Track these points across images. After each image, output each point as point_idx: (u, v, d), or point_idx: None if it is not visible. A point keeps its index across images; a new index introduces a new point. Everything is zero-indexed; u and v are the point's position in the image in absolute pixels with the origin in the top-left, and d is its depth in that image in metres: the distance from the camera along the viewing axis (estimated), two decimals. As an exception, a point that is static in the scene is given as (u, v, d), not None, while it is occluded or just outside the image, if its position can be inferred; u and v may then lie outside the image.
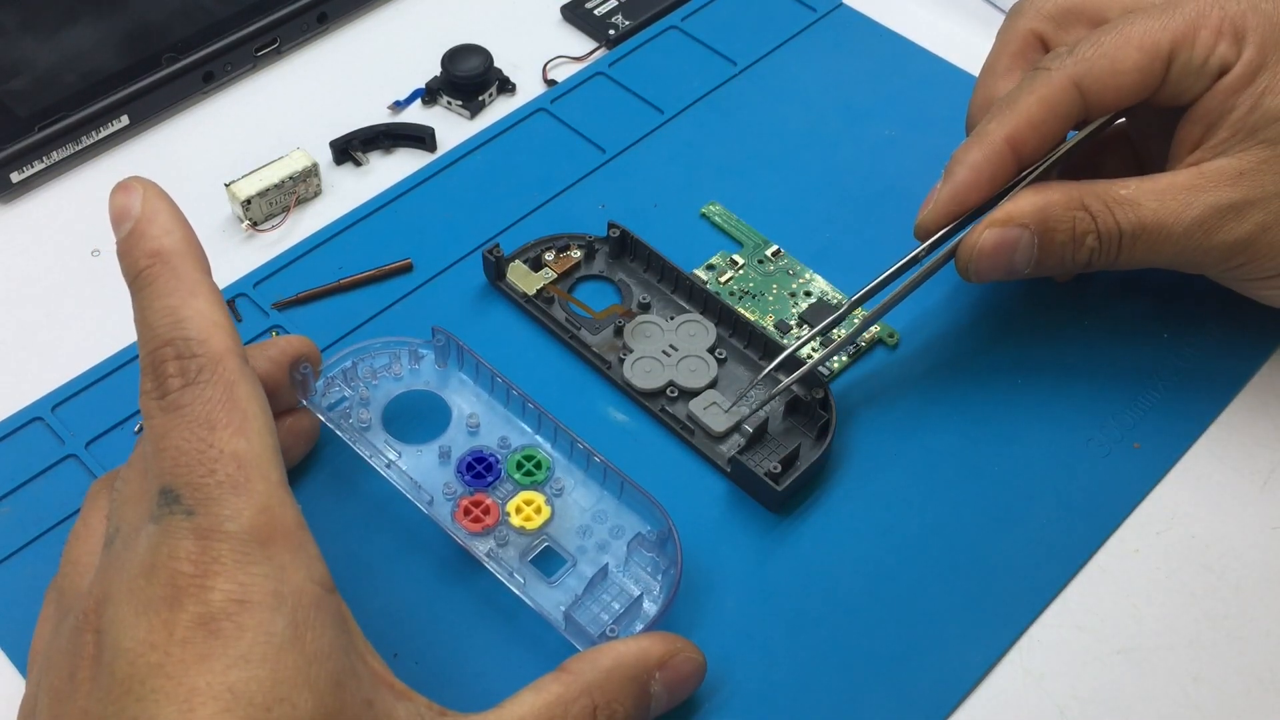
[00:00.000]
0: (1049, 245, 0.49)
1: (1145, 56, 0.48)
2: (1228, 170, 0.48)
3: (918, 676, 0.45)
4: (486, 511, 0.46)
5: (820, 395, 0.50)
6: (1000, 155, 0.49)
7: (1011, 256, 0.49)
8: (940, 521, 0.49)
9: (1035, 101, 0.49)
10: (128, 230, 0.38)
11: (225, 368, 0.36)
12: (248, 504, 0.35)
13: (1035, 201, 0.49)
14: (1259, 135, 0.47)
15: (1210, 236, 0.48)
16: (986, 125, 0.50)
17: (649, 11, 0.68)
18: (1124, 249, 0.49)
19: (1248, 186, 0.47)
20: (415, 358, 0.50)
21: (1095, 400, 0.52)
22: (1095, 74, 0.48)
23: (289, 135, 0.62)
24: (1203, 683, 0.46)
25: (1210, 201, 0.48)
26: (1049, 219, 0.49)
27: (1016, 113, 0.49)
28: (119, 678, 0.34)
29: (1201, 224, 0.48)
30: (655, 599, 0.45)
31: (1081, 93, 0.49)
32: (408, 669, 0.45)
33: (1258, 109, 0.47)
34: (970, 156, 0.49)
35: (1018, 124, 0.49)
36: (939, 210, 0.50)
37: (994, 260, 0.49)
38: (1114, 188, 0.49)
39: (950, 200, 0.50)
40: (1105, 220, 0.48)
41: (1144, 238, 0.48)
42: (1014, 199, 0.49)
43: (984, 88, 0.53)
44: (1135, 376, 0.53)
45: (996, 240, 0.49)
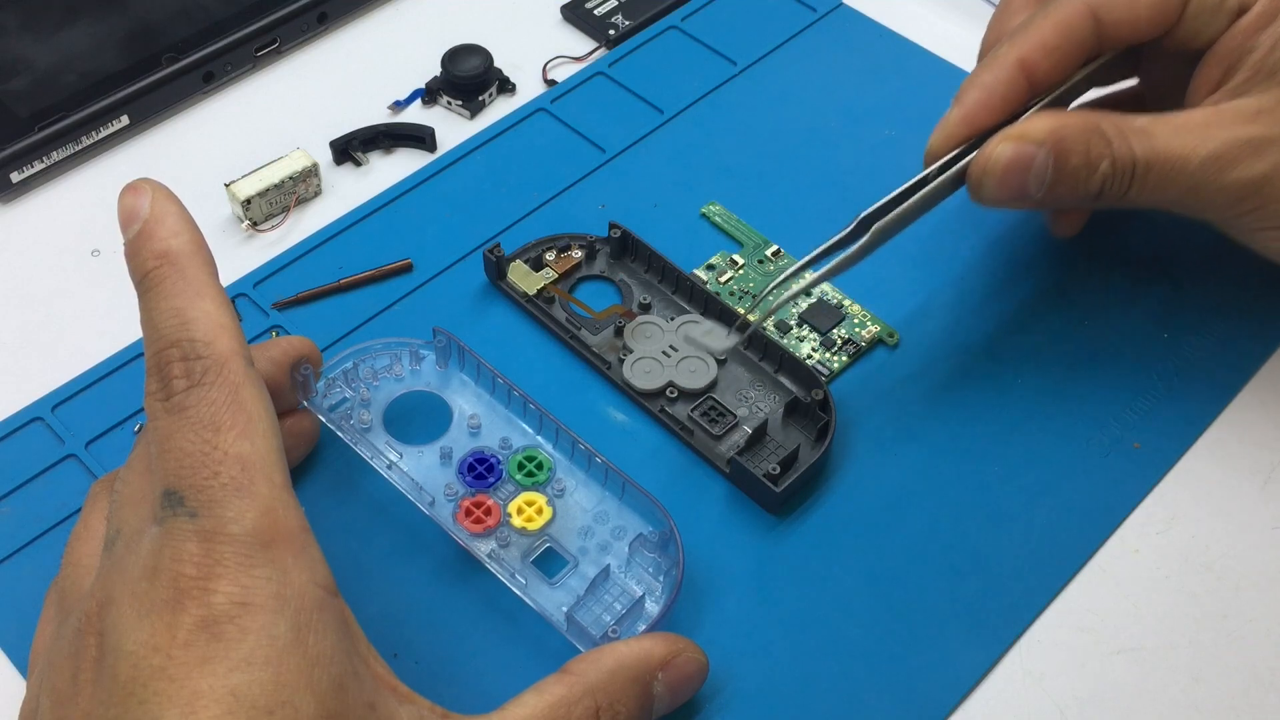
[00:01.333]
0: (1063, 167, 0.48)
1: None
2: (1246, 109, 0.47)
3: (918, 676, 0.45)
4: (488, 512, 0.46)
5: (820, 396, 0.50)
6: (1012, 76, 0.49)
7: (1025, 176, 0.48)
8: (940, 522, 0.49)
9: (1050, 25, 0.48)
10: (136, 231, 0.38)
11: (230, 370, 0.36)
12: (251, 506, 0.35)
13: (1051, 122, 0.48)
14: (1279, 75, 0.47)
15: (1224, 173, 0.47)
16: (1000, 49, 0.49)
17: (649, 11, 0.68)
18: (1136, 179, 0.48)
19: (1266, 124, 0.47)
20: (416, 358, 0.50)
21: (1095, 400, 0.52)
22: (1112, 2, 0.48)
23: (289, 135, 0.62)
24: (1203, 683, 0.46)
25: (1226, 137, 0.47)
26: (1065, 139, 0.47)
27: (1030, 36, 0.49)
28: (121, 680, 0.34)
29: (1217, 159, 0.47)
30: (657, 600, 0.45)
31: (1097, 20, 0.48)
32: (409, 670, 0.45)
33: (1277, 48, 0.47)
34: (982, 78, 0.49)
35: (1031, 46, 0.48)
36: (949, 131, 0.49)
37: (1007, 178, 0.48)
38: (1131, 119, 0.48)
39: (961, 121, 0.49)
40: (1120, 146, 0.47)
41: (1158, 168, 0.47)
42: (1029, 118, 0.48)
43: (999, 20, 0.53)
44: (1135, 376, 0.53)
45: (1012, 155, 0.47)
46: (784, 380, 0.52)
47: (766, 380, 0.52)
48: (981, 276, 0.57)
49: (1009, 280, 0.56)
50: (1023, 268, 0.57)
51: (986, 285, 0.56)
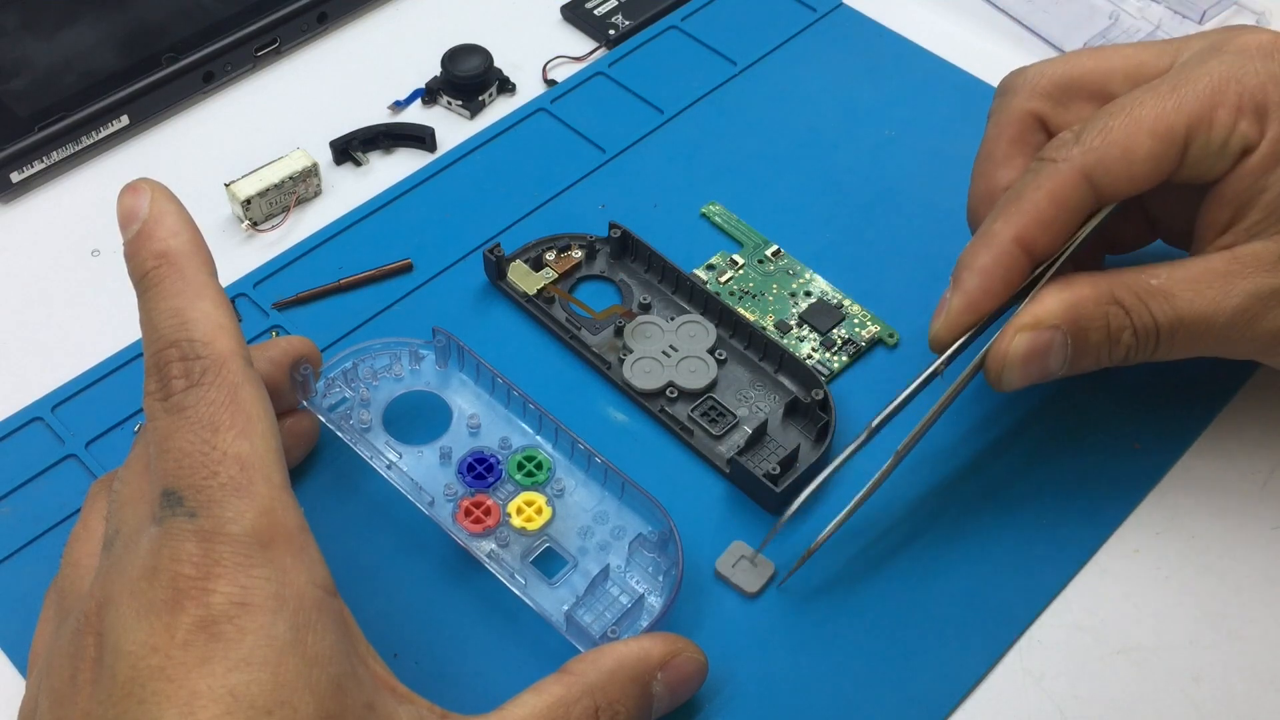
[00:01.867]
0: (1083, 345, 0.46)
1: (1160, 143, 0.45)
2: (1265, 255, 0.45)
3: (918, 676, 0.45)
4: (487, 512, 0.46)
5: (820, 396, 0.50)
6: (1011, 257, 0.46)
7: (1046, 361, 0.46)
8: (940, 522, 0.49)
9: (1044, 197, 0.45)
10: (135, 231, 0.38)
11: (229, 370, 0.36)
12: (250, 506, 0.35)
13: (1064, 300, 0.45)
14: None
15: (1254, 325, 0.45)
16: (992, 225, 0.46)
17: (649, 11, 0.68)
18: (1163, 343, 0.46)
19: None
20: (416, 358, 0.50)
21: (1095, 401, 0.52)
22: (1106, 164, 0.45)
23: (289, 135, 0.62)
24: (1203, 683, 0.46)
25: (1250, 290, 0.45)
26: (1081, 318, 0.45)
27: (1024, 211, 0.46)
28: (120, 680, 0.34)
29: (1244, 313, 0.45)
30: (657, 600, 0.45)
31: (1092, 185, 0.45)
32: (408, 670, 0.45)
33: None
34: (979, 261, 0.46)
35: (1026, 223, 0.46)
36: (953, 321, 0.47)
37: (1027, 367, 0.46)
38: (1144, 278, 0.46)
39: (964, 310, 0.46)
40: (1140, 315, 0.45)
41: (1183, 331, 0.45)
42: (1039, 299, 0.46)
43: (983, 177, 0.50)
44: (1135, 376, 0.53)
45: (1029, 347, 0.45)
46: (784, 380, 0.52)
47: (766, 380, 0.52)
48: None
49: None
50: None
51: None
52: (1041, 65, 0.50)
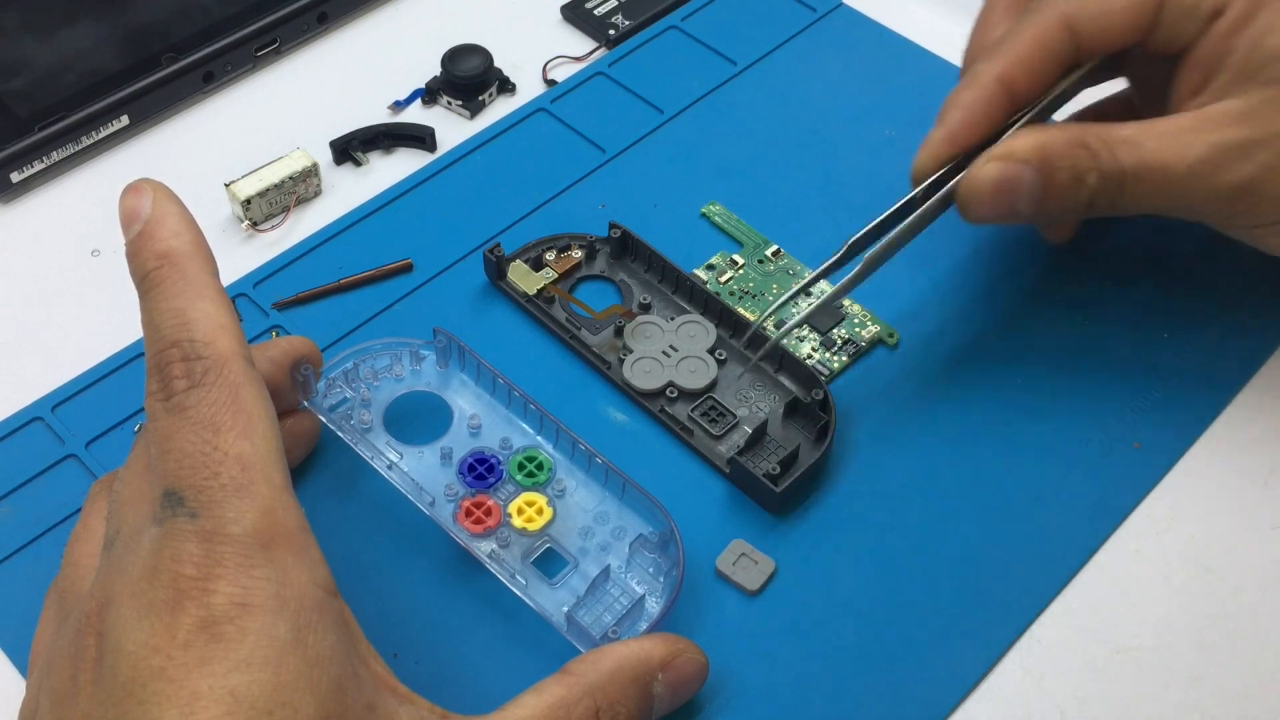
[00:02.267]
0: (1051, 183, 0.47)
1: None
2: (1230, 111, 0.47)
3: (918, 676, 0.45)
4: (488, 513, 0.46)
5: (820, 396, 0.50)
6: (993, 94, 0.48)
7: (1014, 194, 0.48)
8: (940, 521, 0.49)
9: (1027, 40, 0.48)
10: (137, 232, 0.38)
11: (231, 370, 0.36)
12: (251, 507, 0.35)
13: (1036, 138, 0.47)
14: (1260, 76, 0.46)
15: (1214, 176, 0.47)
16: (978, 66, 0.49)
17: (649, 11, 0.68)
18: (1127, 189, 0.47)
19: (1252, 125, 0.46)
20: (416, 359, 0.50)
21: (1095, 400, 0.52)
22: (1087, 13, 0.48)
23: (289, 135, 0.62)
24: (1203, 683, 0.46)
25: (1213, 140, 0.46)
26: (1051, 155, 0.47)
27: (1007, 52, 0.48)
28: (121, 681, 0.34)
29: (1205, 163, 0.46)
30: (657, 600, 0.45)
31: (1073, 32, 0.48)
32: (408, 670, 0.45)
33: (1258, 49, 0.46)
34: (963, 97, 0.49)
35: (1009, 62, 0.48)
36: (933, 151, 0.49)
37: (996, 197, 0.48)
38: (1115, 129, 0.48)
39: (944, 141, 0.49)
40: (1106, 158, 0.47)
41: (1147, 177, 0.47)
42: (1014, 136, 0.48)
43: (978, 34, 0.53)
44: (1135, 376, 0.53)
45: (999, 175, 0.47)
46: (784, 380, 0.52)
47: (766, 380, 0.52)
48: (981, 276, 0.57)
49: (1009, 280, 0.56)
50: (1022, 268, 0.57)
51: (986, 285, 0.56)
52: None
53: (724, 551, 0.48)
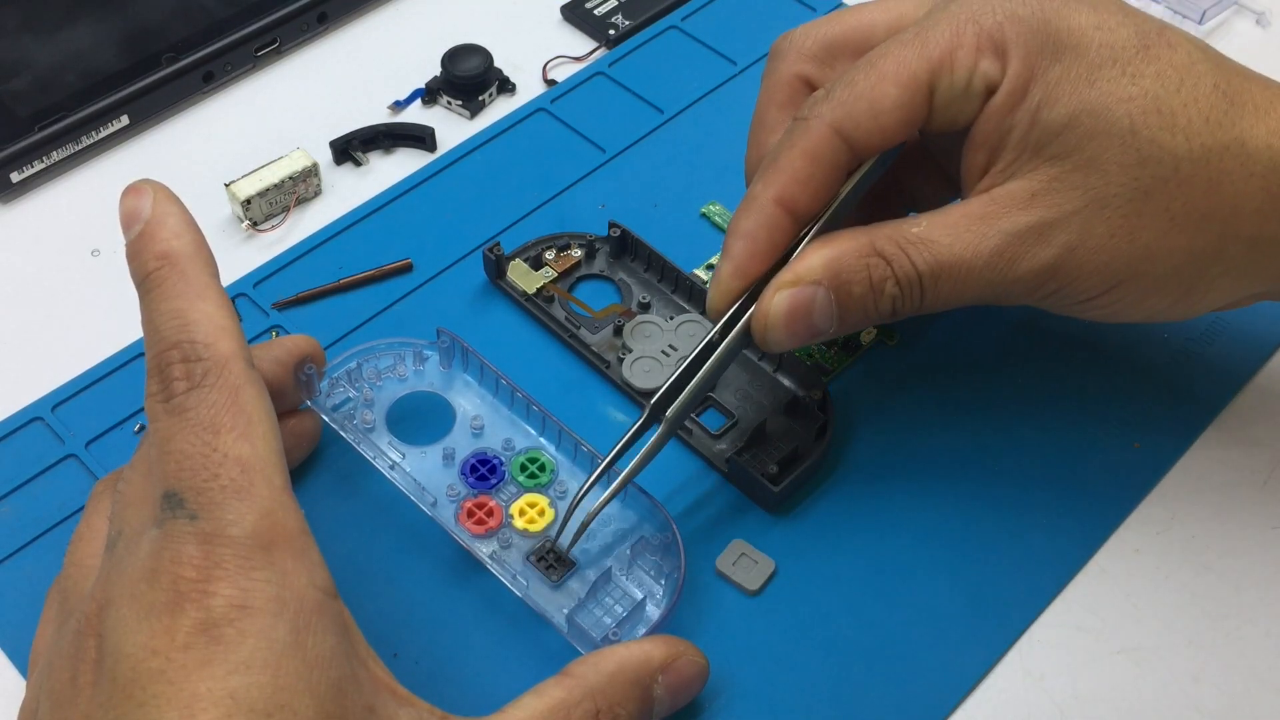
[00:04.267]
0: (847, 299, 0.45)
1: (904, 91, 0.44)
2: (1019, 193, 0.44)
3: (918, 676, 0.45)
4: (490, 514, 0.46)
5: (819, 396, 0.50)
6: (773, 218, 0.45)
7: (810, 318, 0.45)
8: (940, 521, 0.49)
9: (798, 156, 0.45)
10: (137, 232, 0.38)
11: (231, 372, 0.36)
12: (251, 509, 0.35)
13: (824, 255, 0.45)
14: (1044, 152, 0.44)
15: (1014, 266, 0.44)
16: (754, 188, 0.46)
17: (649, 11, 0.68)
18: (927, 291, 0.45)
19: (1043, 207, 0.43)
20: (420, 359, 0.50)
21: (1095, 400, 0.52)
22: (855, 118, 0.44)
23: (289, 135, 0.62)
24: (1203, 683, 0.46)
25: (1006, 228, 0.44)
26: (842, 271, 0.44)
27: (781, 170, 0.45)
28: (120, 683, 0.34)
29: (1001, 254, 0.44)
30: (658, 603, 0.45)
31: (845, 139, 0.45)
32: (408, 670, 0.45)
33: (1036, 125, 0.43)
34: (743, 225, 0.46)
35: (785, 182, 0.45)
36: (723, 287, 0.46)
37: (791, 325, 0.45)
38: (905, 227, 0.45)
39: (733, 275, 0.46)
40: (901, 264, 0.44)
41: (945, 276, 0.44)
42: (801, 256, 0.45)
43: (755, 144, 0.50)
44: (1135, 376, 0.53)
45: (790, 304, 0.44)
46: (783, 379, 0.52)
47: (765, 379, 0.52)
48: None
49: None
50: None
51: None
52: (808, 27, 0.50)
53: (724, 551, 0.48)
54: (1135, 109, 0.43)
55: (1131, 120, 0.43)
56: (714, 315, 0.47)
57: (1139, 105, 0.43)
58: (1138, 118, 0.43)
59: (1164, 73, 0.43)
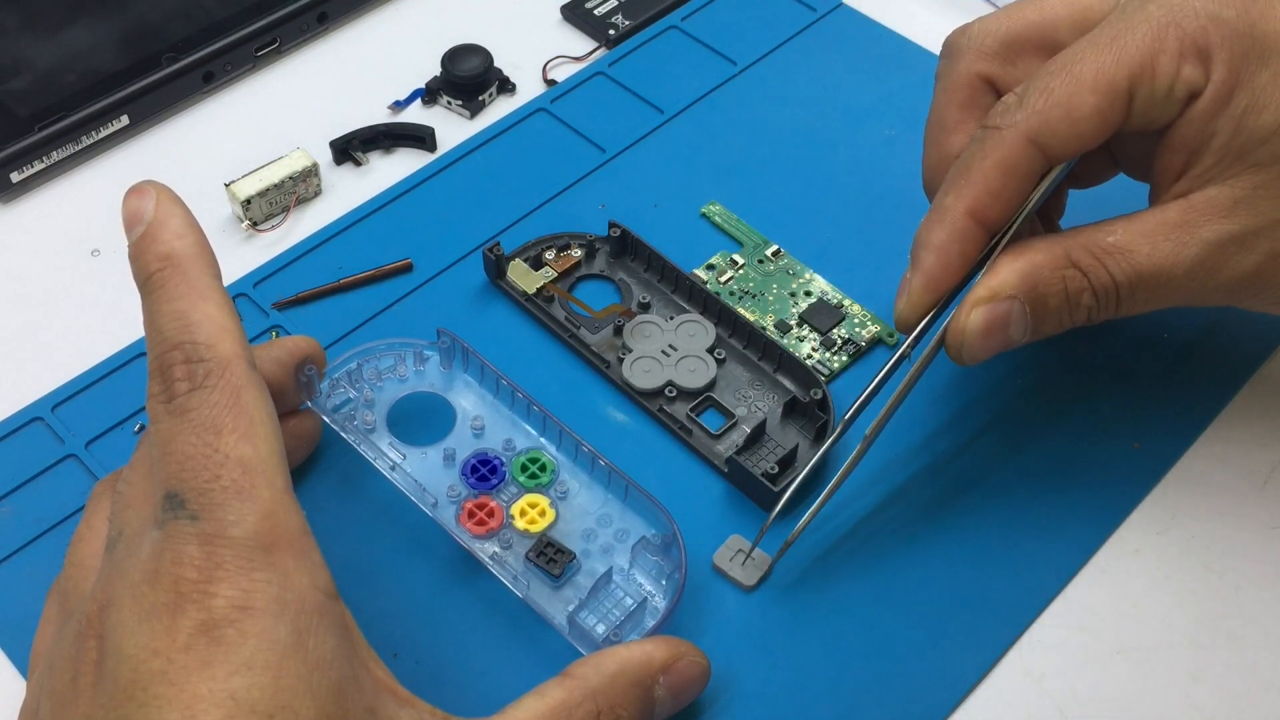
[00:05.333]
0: (1043, 312, 0.45)
1: (1103, 98, 0.43)
2: (1220, 200, 0.43)
3: (918, 676, 0.46)
4: (491, 514, 0.46)
5: (819, 396, 0.50)
6: (966, 231, 0.45)
7: (1005, 332, 0.45)
8: (940, 521, 0.49)
9: (992, 167, 0.45)
10: (140, 233, 0.38)
11: (232, 373, 0.36)
12: (252, 510, 0.35)
13: (1019, 268, 0.45)
14: (1248, 159, 0.43)
15: (1215, 275, 0.44)
16: (944, 199, 0.46)
17: (649, 11, 0.68)
18: (1123, 300, 0.45)
19: (1246, 216, 0.43)
20: (420, 359, 0.50)
21: (1095, 400, 0.52)
22: (1051, 126, 0.44)
23: (289, 135, 0.62)
24: (1203, 683, 0.46)
25: (1208, 238, 0.43)
26: (1038, 285, 0.45)
27: (974, 183, 0.45)
28: (121, 684, 0.34)
29: (1203, 263, 0.44)
30: (660, 603, 0.45)
31: (1039, 148, 0.44)
32: (409, 671, 0.45)
33: (1241, 131, 0.43)
34: (934, 238, 0.45)
35: (977, 194, 0.45)
36: (915, 301, 0.46)
37: (987, 340, 0.45)
38: (1100, 235, 0.45)
39: (924, 289, 0.46)
40: (1098, 275, 0.44)
41: (1143, 287, 0.44)
42: (994, 270, 0.45)
43: (935, 145, 0.49)
44: (1135, 376, 0.53)
45: (986, 320, 0.45)
46: (783, 379, 0.52)
47: (765, 379, 0.52)
48: (981, 276, 0.57)
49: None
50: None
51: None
52: (984, 22, 0.49)
53: (721, 548, 0.48)
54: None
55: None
56: (904, 328, 0.47)
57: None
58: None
59: None
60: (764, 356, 0.53)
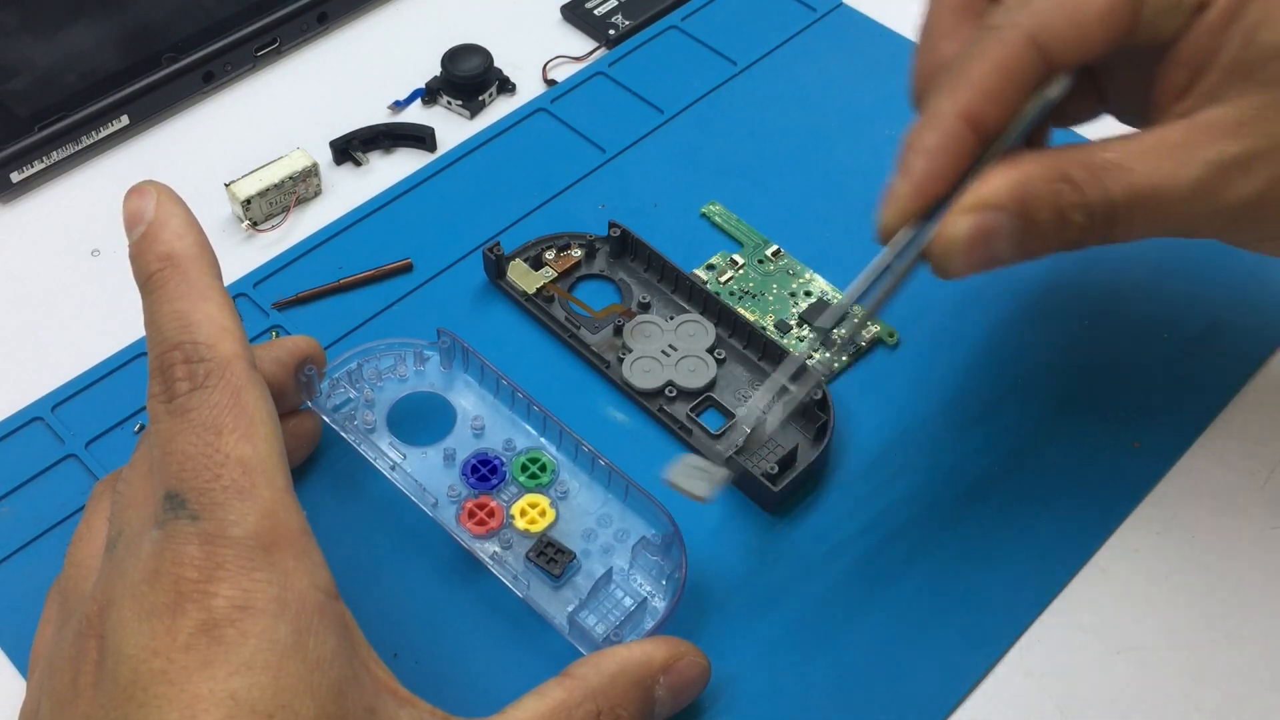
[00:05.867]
0: (1032, 226, 0.42)
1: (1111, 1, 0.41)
2: (1225, 120, 0.41)
3: (918, 676, 0.46)
4: (491, 514, 0.46)
5: (818, 396, 0.50)
6: (958, 135, 0.42)
7: (991, 245, 0.42)
8: (940, 521, 0.49)
9: (990, 68, 0.42)
10: (140, 233, 0.38)
11: (233, 373, 0.36)
12: (253, 509, 0.35)
13: (1010, 178, 0.41)
14: (1256, 76, 0.40)
15: (1215, 198, 0.41)
16: (937, 102, 0.43)
17: (649, 11, 0.68)
18: (1119, 221, 0.42)
19: (1251, 136, 0.40)
20: (420, 359, 0.50)
21: (1095, 400, 0.52)
22: (1055, 27, 0.41)
23: (289, 135, 0.62)
24: (1203, 683, 0.46)
25: (1210, 158, 0.41)
26: (1029, 197, 0.41)
27: (970, 84, 0.42)
28: (122, 684, 0.34)
29: (1204, 184, 0.41)
30: (660, 603, 0.45)
31: (1041, 51, 0.41)
32: (409, 671, 0.45)
33: (1251, 45, 0.40)
34: (925, 141, 0.42)
35: (972, 97, 0.42)
36: (899, 207, 0.43)
37: (972, 253, 0.42)
38: (1097, 152, 0.42)
39: (911, 195, 0.43)
40: (1093, 189, 0.41)
41: (1140, 206, 0.41)
42: (985, 179, 0.42)
43: (927, 51, 0.46)
44: (1135, 376, 0.53)
45: (972, 229, 0.41)
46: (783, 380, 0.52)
47: (765, 379, 0.52)
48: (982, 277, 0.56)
49: (1009, 280, 0.56)
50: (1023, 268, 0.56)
51: (987, 285, 0.56)
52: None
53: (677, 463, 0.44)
54: None
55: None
56: (885, 235, 0.43)
57: None
58: None
59: None
60: (764, 356, 0.53)
